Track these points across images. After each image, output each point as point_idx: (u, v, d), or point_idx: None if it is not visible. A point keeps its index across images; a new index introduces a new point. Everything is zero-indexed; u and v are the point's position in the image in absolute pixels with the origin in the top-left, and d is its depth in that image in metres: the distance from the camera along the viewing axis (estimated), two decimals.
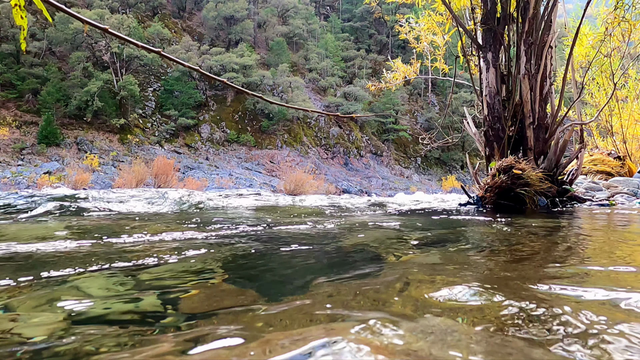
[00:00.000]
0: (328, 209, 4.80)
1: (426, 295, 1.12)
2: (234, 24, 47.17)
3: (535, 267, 1.55)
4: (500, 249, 2.00)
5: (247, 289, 1.28)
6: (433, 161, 48.43)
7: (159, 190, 7.98)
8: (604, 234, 2.58)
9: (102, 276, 1.42)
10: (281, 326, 0.91)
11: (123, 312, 1.06)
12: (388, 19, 54.29)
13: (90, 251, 1.90)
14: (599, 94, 11.17)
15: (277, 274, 1.54)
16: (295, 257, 1.78)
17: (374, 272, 1.48)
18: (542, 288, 1.19)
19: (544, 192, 4.55)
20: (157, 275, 1.44)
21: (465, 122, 6.03)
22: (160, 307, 1.11)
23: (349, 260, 1.77)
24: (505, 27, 5.34)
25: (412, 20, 8.48)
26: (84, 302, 1.14)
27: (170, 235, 2.44)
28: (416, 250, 1.94)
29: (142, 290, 1.26)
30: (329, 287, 1.27)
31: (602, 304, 1.05)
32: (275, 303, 1.10)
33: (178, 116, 37.82)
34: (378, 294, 1.15)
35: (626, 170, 7.75)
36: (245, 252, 1.91)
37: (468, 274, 1.44)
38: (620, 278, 1.36)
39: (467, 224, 3.09)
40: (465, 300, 1.07)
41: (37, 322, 0.99)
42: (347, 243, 2.18)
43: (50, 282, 1.34)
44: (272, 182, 32.79)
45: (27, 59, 34.14)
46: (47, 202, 4.96)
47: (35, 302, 1.14)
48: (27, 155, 29.00)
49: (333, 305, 1.05)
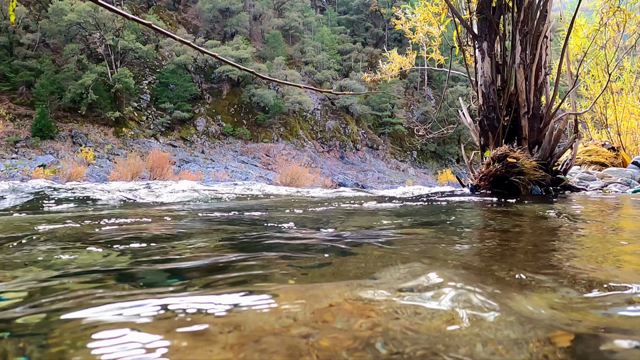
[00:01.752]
0: (339, 198, 4.81)
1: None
2: (229, 16, 46.87)
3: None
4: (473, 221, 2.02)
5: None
6: (429, 155, 48.51)
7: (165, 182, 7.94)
8: (598, 213, 2.60)
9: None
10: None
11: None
12: (384, 11, 54.16)
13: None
14: (594, 86, 11.19)
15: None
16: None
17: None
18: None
19: (538, 181, 4.57)
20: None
21: (460, 112, 6.04)
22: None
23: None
24: (500, 16, 5.34)
25: (408, 10, 8.45)
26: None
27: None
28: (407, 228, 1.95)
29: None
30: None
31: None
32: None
33: (173, 109, 37.64)
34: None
35: (620, 161, 7.79)
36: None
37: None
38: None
39: (456, 208, 3.11)
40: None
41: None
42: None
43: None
44: (268, 175, 32.77)
45: (21, 51, 33.81)
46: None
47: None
48: (21, 148, 28.83)
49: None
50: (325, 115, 45.79)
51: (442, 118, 15.15)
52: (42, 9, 36.28)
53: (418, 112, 49.78)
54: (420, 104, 51.05)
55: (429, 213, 2.82)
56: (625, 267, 1.19)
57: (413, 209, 3.11)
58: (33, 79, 32.26)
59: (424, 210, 3.00)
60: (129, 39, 36.42)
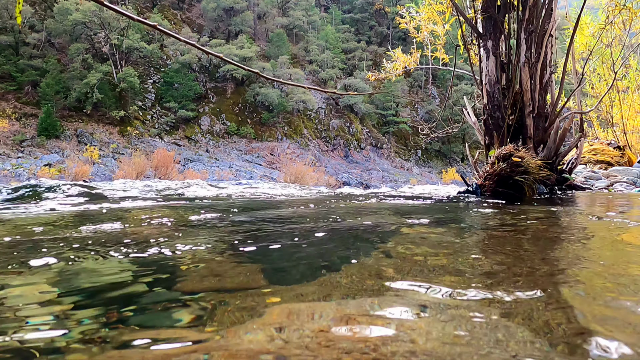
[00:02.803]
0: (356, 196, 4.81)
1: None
2: (233, 15, 46.90)
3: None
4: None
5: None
6: (433, 154, 48.38)
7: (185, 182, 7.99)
8: (603, 208, 2.59)
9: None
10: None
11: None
12: (389, 10, 54.00)
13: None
14: (600, 84, 11.13)
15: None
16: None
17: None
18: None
19: (543, 180, 4.55)
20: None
21: (465, 111, 6.02)
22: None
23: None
24: (505, 15, 5.31)
25: (412, 9, 8.43)
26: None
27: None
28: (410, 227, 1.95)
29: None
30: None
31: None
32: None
33: (178, 108, 37.72)
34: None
35: (626, 160, 7.74)
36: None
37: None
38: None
39: (460, 209, 3.10)
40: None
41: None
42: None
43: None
44: (272, 174, 32.80)
45: (26, 51, 33.98)
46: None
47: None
48: (27, 147, 28.98)
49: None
50: (329, 114, 45.76)
51: (446, 117, 15.11)
52: (47, 9, 36.44)
53: (422, 111, 49.67)
54: (424, 103, 50.92)
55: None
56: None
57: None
58: (39, 79, 32.41)
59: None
60: (133, 39, 36.51)
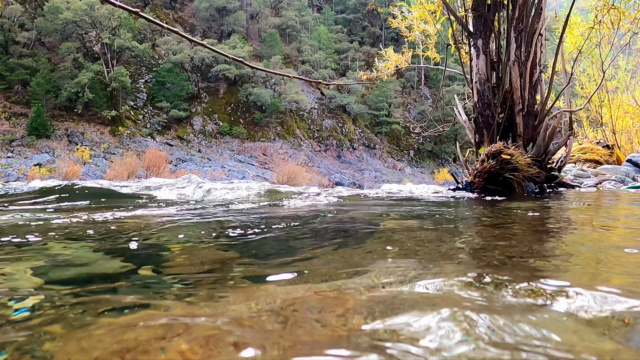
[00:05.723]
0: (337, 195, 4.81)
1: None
2: (226, 15, 46.75)
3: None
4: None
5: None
6: (426, 154, 48.56)
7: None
8: (590, 205, 2.61)
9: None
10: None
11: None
12: (381, 11, 54.01)
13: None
14: (590, 84, 11.24)
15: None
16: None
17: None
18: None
19: (533, 178, 4.58)
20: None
21: (456, 110, 6.04)
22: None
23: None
24: (495, 13, 5.34)
25: (404, 9, 8.46)
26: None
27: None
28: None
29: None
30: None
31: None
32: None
33: (170, 108, 37.50)
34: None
35: (615, 159, 7.82)
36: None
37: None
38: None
39: (450, 203, 3.12)
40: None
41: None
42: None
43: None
44: (264, 174, 32.73)
45: (16, 50, 33.59)
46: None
47: None
48: (16, 147, 28.67)
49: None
50: (322, 115, 45.75)
51: (438, 117, 15.18)
52: (37, 7, 36.06)
53: (415, 111, 49.85)
54: (417, 104, 51.11)
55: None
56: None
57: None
58: (29, 78, 32.03)
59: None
60: (125, 38, 36.23)
